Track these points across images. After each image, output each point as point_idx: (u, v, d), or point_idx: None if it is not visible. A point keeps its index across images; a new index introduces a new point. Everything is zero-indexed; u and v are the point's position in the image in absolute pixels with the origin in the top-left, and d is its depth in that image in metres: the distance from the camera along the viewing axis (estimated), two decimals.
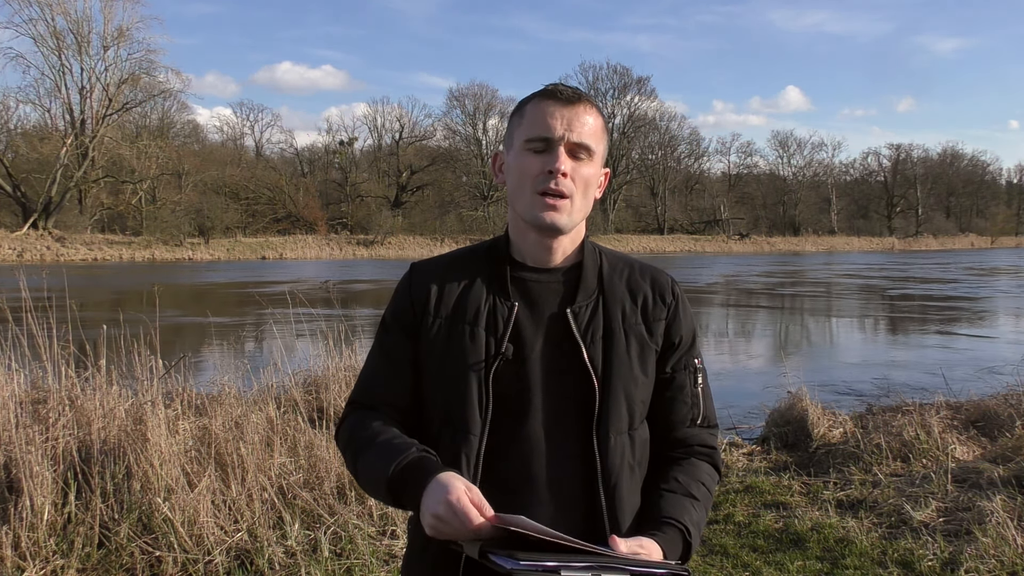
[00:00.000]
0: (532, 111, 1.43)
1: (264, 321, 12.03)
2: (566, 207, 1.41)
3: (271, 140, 79.34)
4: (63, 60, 49.95)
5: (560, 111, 1.40)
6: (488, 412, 1.39)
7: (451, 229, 59.01)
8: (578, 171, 1.41)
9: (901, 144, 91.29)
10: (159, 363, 5.06)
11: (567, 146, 1.40)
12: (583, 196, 1.43)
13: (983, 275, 33.03)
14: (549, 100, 1.41)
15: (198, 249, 46.51)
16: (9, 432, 3.98)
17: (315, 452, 4.44)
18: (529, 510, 1.37)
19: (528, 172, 1.41)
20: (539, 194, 1.40)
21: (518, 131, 1.44)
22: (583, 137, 1.40)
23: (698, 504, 1.44)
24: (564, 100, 1.41)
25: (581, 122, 1.41)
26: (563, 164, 1.39)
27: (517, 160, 1.43)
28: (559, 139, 1.39)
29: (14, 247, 40.37)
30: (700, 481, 1.47)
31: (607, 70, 69.79)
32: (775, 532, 4.39)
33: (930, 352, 12.32)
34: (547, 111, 1.41)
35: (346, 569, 3.74)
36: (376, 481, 1.37)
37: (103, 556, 3.64)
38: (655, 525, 1.38)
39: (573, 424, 1.41)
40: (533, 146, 1.41)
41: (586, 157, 1.42)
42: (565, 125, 1.40)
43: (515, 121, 1.46)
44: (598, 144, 1.44)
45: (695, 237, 69.88)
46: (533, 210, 1.41)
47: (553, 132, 1.39)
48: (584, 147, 1.41)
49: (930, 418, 5.74)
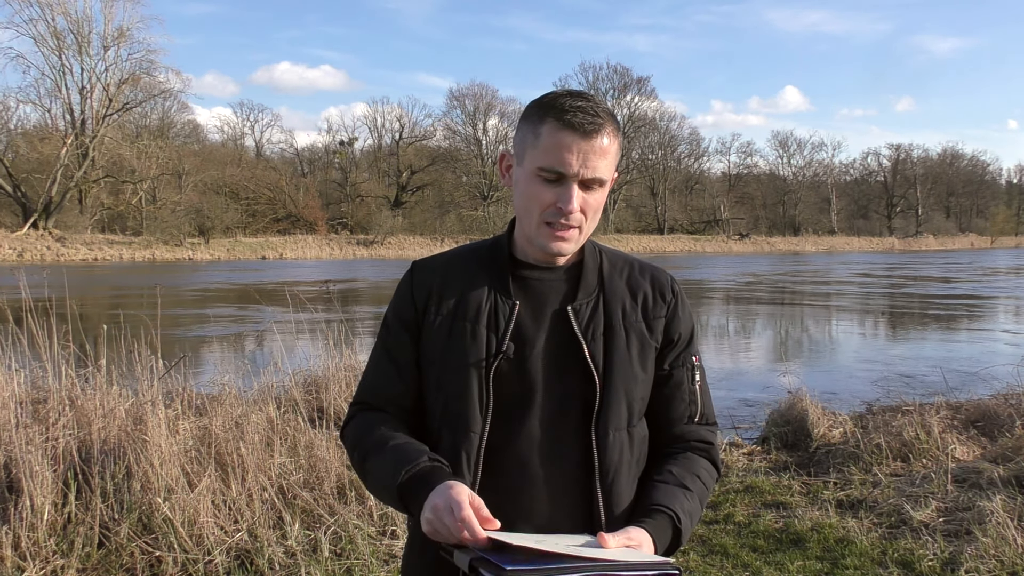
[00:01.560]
0: (548, 138, 1.37)
1: (264, 321, 12.03)
2: (574, 236, 1.41)
3: (271, 140, 79.35)
4: (63, 60, 50.03)
5: (577, 145, 1.36)
6: (489, 410, 1.40)
7: (451, 229, 59.03)
8: (588, 201, 1.40)
9: (901, 144, 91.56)
10: (159, 363, 5.06)
11: (581, 181, 1.38)
12: (592, 220, 1.43)
13: (1000, 275, 33.03)
14: (567, 131, 1.36)
15: (198, 249, 46.52)
16: (9, 432, 3.98)
17: (315, 452, 4.44)
18: (528, 506, 1.39)
19: (538, 200, 1.40)
20: (547, 224, 1.40)
21: (531, 152, 1.40)
22: (597, 172, 1.38)
23: (691, 495, 1.43)
24: (582, 133, 1.36)
25: (597, 156, 1.37)
26: (575, 202, 1.38)
27: (527, 184, 1.41)
28: (573, 176, 1.37)
29: (14, 247, 40.38)
30: (695, 474, 1.47)
31: (607, 70, 69.97)
32: (775, 532, 4.39)
33: (931, 351, 12.32)
34: (563, 143, 1.36)
35: (346, 569, 3.74)
36: (386, 488, 1.38)
37: (103, 556, 3.64)
38: (645, 513, 1.38)
39: (573, 421, 1.41)
40: (545, 175, 1.38)
41: (598, 187, 1.41)
42: (581, 161, 1.36)
43: (528, 136, 1.41)
44: (611, 169, 1.42)
45: (695, 237, 69.91)
46: (540, 238, 1.41)
47: (568, 169, 1.36)
48: (597, 180, 1.39)
49: (930, 418, 5.74)
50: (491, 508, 1.27)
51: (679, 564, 1.32)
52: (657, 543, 1.33)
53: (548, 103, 1.39)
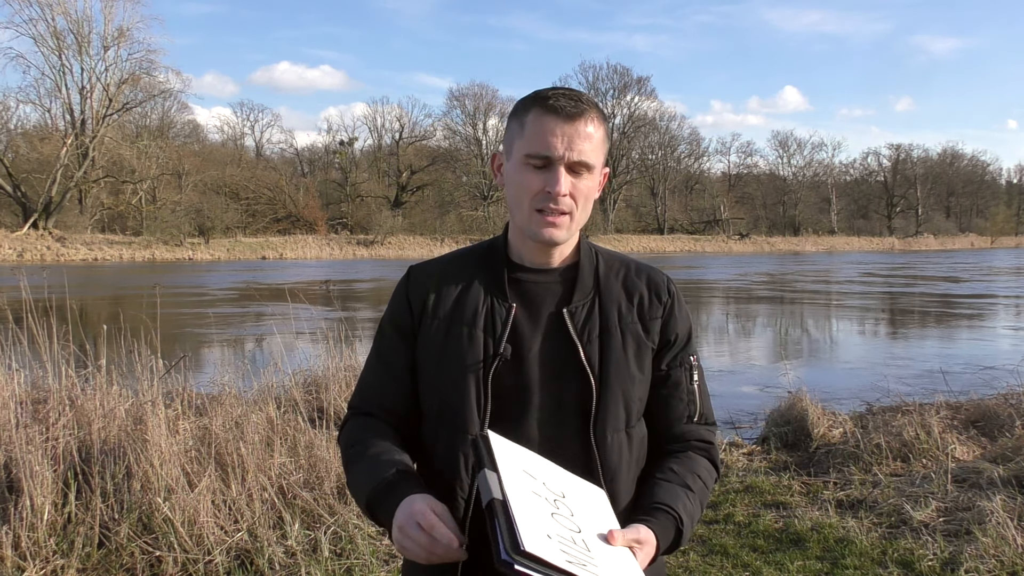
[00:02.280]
0: (532, 125, 1.40)
1: (264, 321, 12.03)
2: (565, 223, 1.41)
3: (271, 140, 79.56)
4: (63, 60, 50.02)
5: (561, 128, 1.38)
6: (487, 413, 1.39)
7: (451, 229, 59.03)
8: (577, 187, 1.41)
9: (901, 144, 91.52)
10: (159, 363, 5.06)
11: (567, 164, 1.39)
12: (583, 209, 1.43)
13: (1006, 274, 33.03)
14: (550, 116, 1.39)
15: (198, 249, 46.51)
16: (9, 432, 3.98)
17: (315, 452, 4.44)
18: None
19: (527, 188, 1.40)
20: (538, 211, 1.40)
21: (518, 142, 1.42)
22: (583, 155, 1.39)
23: (692, 496, 1.43)
24: (565, 116, 1.38)
25: (582, 139, 1.39)
26: (563, 186, 1.38)
27: (517, 174, 1.42)
28: (559, 159, 1.38)
29: (14, 247, 40.37)
30: (696, 473, 1.47)
31: (607, 70, 70.06)
32: (775, 532, 4.39)
33: (932, 351, 12.32)
34: (547, 127, 1.38)
35: (346, 569, 3.74)
36: (359, 496, 1.39)
37: (103, 556, 3.64)
38: (647, 511, 1.38)
39: (571, 423, 1.41)
40: (533, 162, 1.40)
41: (586, 172, 1.41)
42: (566, 144, 1.38)
43: (514, 128, 1.44)
44: (598, 157, 1.43)
45: (695, 237, 69.89)
46: (531, 226, 1.42)
47: (553, 151, 1.38)
48: (584, 164, 1.40)
49: (930, 418, 5.73)
50: None
51: (679, 564, 1.32)
52: (660, 543, 1.33)
53: (532, 96, 1.43)
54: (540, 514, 1.18)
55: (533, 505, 1.18)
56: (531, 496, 1.20)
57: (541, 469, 1.30)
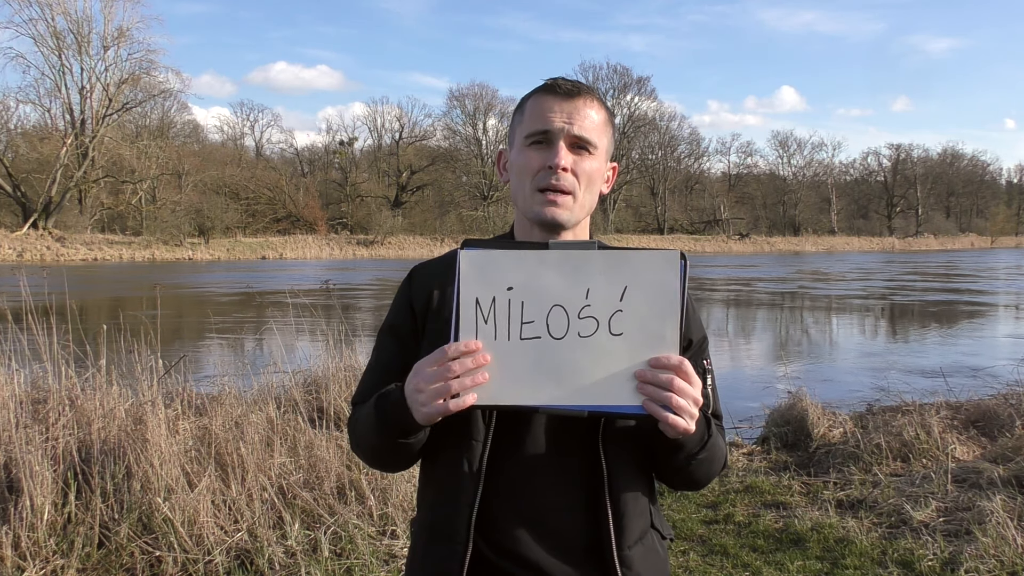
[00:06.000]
0: (532, 107, 1.42)
1: (264, 321, 12.02)
2: (568, 203, 1.39)
3: (271, 140, 79.69)
4: (63, 60, 49.93)
5: (560, 104, 1.39)
6: (492, 417, 1.36)
7: (451, 229, 58.98)
8: (580, 165, 1.39)
9: (901, 144, 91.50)
10: (159, 363, 5.06)
11: (568, 139, 1.38)
12: (586, 191, 1.41)
13: (1006, 274, 33.01)
14: (548, 95, 1.40)
15: (198, 249, 46.46)
16: (9, 432, 3.98)
17: (315, 452, 4.43)
18: (533, 515, 1.35)
19: (528, 167, 1.40)
20: (539, 191, 1.39)
21: (519, 128, 1.44)
22: (584, 131, 1.38)
23: (715, 435, 1.40)
24: (563, 94, 1.39)
25: (582, 115, 1.39)
26: (563, 159, 1.37)
27: (518, 157, 1.43)
28: (559, 131, 1.38)
29: (14, 247, 40.33)
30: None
31: (607, 70, 69.84)
32: (775, 532, 4.39)
33: (932, 351, 12.32)
34: (546, 105, 1.39)
35: (346, 569, 3.74)
36: (369, 421, 1.36)
37: (103, 556, 3.64)
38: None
39: (578, 428, 1.37)
40: (533, 139, 1.40)
41: (588, 151, 1.40)
42: (565, 118, 1.38)
43: (516, 119, 1.46)
44: (601, 138, 1.42)
45: (695, 237, 69.84)
46: (534, 206, 1.40)
47: (552, 124, 1.38)
48: (585, 140, 1.39)
49: (930, 418, 5.73)
50: (497, 514, 1.26)
51: (679, 564, 1.31)
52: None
53: (533, 89, 1.45)
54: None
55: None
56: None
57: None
